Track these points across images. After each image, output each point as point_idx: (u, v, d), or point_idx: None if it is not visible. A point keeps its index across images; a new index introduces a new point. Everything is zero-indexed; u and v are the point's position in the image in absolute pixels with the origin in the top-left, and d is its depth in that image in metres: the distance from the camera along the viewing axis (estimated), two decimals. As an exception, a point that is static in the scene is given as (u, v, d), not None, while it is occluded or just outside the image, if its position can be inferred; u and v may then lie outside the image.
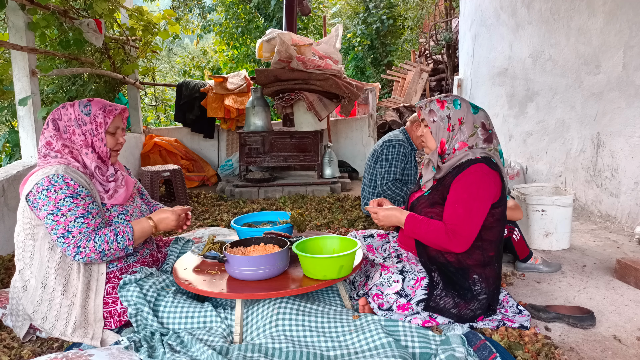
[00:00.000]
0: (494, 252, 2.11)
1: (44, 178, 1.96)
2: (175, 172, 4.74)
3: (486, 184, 2.03)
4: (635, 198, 3.58)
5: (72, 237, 1.95)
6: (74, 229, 1.95)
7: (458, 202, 2.03)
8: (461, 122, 2.14)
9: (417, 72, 8.64)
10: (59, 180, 1.96)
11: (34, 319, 2.03)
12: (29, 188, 1.98)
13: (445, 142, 2.16)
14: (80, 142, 2.10)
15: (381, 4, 12.68)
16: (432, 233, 2.05)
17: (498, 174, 2.07)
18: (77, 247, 1.95)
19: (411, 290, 2.05)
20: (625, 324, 2.22)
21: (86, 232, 1.97)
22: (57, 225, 1.94)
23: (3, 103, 4.68)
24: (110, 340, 2.01)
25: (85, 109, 2.11)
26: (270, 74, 5.20)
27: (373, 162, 3.48)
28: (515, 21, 5.13)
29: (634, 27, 3.55)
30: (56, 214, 1.94)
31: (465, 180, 2.04)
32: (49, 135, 2.09)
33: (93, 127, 2.11)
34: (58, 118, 2.11)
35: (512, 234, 2.78)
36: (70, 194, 1.96)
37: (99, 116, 2.11)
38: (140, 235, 2.11)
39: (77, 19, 4.26)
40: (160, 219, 2.17)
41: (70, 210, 1.95)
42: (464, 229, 2.01)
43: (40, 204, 1.95)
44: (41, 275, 2.02)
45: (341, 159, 6.28)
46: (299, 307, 2.01)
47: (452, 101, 2.17)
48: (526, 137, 5.04)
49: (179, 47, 16.46)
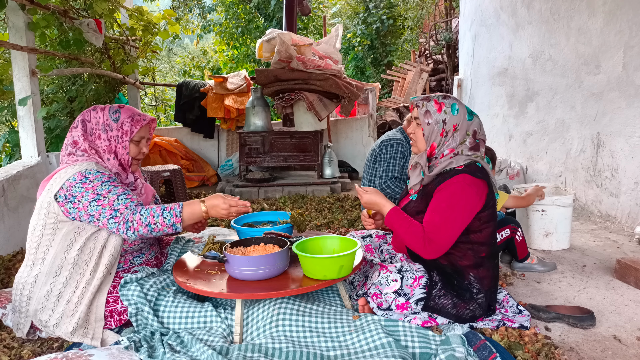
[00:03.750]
0: (485, 253, 2.11)
1: (75, 174, 1.99)
2: (175, 172, 4.74)
3: (467, 195, 2.02)
4: (635, 198, 3.58)
5: (119, 214, 1.98)
6: (120, 206, 1.99)
7: (436, 210, 2.04)
8: (455, 129, 2.11)
9: (417, 72, 8.64)
10: (92, 172, 2.01)
11: (37, 315, 2.02)
12: (59, 185, 1.99)
13: (435, 147, 2.14)
14: (104, 147, 2.13)
15: (381, 4, 12.68)
16: (410, 234, 2.06)
17: (482, 180, 2.05)
18: (125, 222, 1.98)
19: (409, 289, 2.05)
20: (625, 324, 2.22)
21: (132, 206, 2.00)
22: (103, 208, 1.97)
23: (3, 103, 4.68)
24: (110, 340, 2.01)
25: (114, 115, 2.14)
26: (270, 74, 5.20)
27: (372, 162, 3.48)
28: (515, 21, 5.13)
29: (634, 27, 3.55)
30: (99, 199, 1.97)
31: (446, 190, 2.04)
32: (76, 135, 2.11)
33: (119, 134, 2.13)
34: (87, 119, 2.14)
35: (515, 235, 2.78)
36: (106, 179, 2.02)
37: (126, 124, 2.13)
38: (189, 217, 2.07)
39: (77, 19, 4.26)
40: (213, 204, 2.11)
41: (111, 192, 1.99)
42: (439, 237, 2.02)
43: (78, 196, 1.97)
44: (53, 270, 2.00)
45: (341, 159, 6.28)
46: (299, 307, 2.01)
47: (450, 105, 2.12)
48: (526, 137, 5.04)
49: (179, 47, 16.45)
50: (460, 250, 2.09)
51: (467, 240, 2.08)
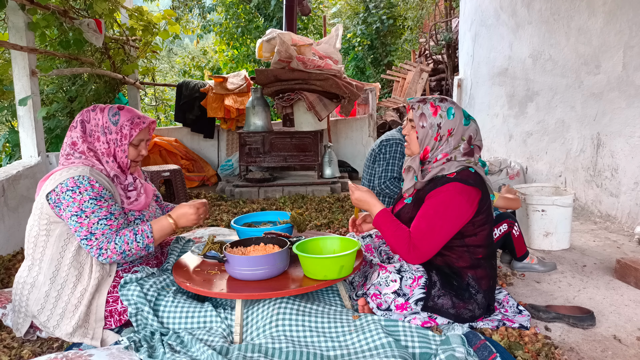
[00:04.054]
0: (482, 255, 2.11)
1: (69, 179, 1.97)
2: (175, 172, 4.74)
3: (456, 203, 2.00)
4: (635, 198, 3.58)
5: (94, 239, 1.97)
6: (97, 231, 1.97)
7: (424, 217, 2.03)
8: (450, 134, 2.08)
9: (417, 72, 8.63)
10: (84, 182, 1.97)
11: (37, 316, 2.02)
12: (52, 186, 1.98)
13: (429, 151, 2.12)
14: (103, 150, 2.10)
15: (381, 4, 12.67)
16: (396, 238, 2.06)
17: (473, 187, 2.02)
18: (99, 248, 1.97)
19: (409, 289, 2.05)
20: (625, 324, 2.22)
21: (108, 234, 1.98)
22: (81, 227, 1.96)
23: (3, 103, 4.68)
24: (110, 340, 2.01)
25: (113, 117, 2.11)
26: (270, 74, 5.20)
27: (371, 162, 3.47)
28: (515, 21, 5.13)
29: (634, 27, 3.55)
30: (80, 216, 1.95)
31: (435, 198, 2.02)
32: (75, 136, 2.09)
33: (118, 137, 2.10)
34: (87, 120, 2.11)
35: (512, 229, 2.76)
36: (94, 196, 1.97)
37: (125, 127, 2.11)
38: (160, 234, 2.10)
39: (77, 19, 4.26)
40: (180, 214, 2.14)
41: (94, 212, 1.96)
42: (423, 244, 2.01)
43: (64, 204, 1.96)
44: (50, 272, 2.01)
45: (341, 159, 6.28)
46: (299, 307, 2.01)
47: (446, 109, 2.08)
48: (526, 137, 5.04)
49: (179, 47, 16.45)
50: (456, 252, 2.09)
51: (462, 244, 2.08)
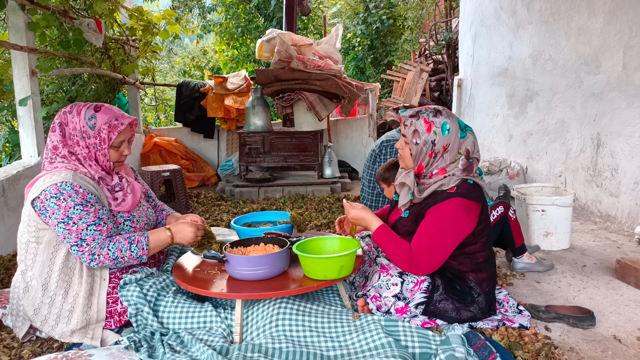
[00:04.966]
0: (482, 259, 2.11)
1: (51, 185, 1.93)
2: (175, 172, 4.73)
3: (457, 219, 1.97)
4: (635, 198, 3.58)
5: (85, 245, 1.94)
6: (87, 237, 1.94)
7: (425, 234, 2.00)
8: (445, 150, 2.02)
9: (417, 72, 8.63)
10: (67, 188, 1.93)
11: (34, 320, 2.03)
12: (36, 193, 1.95)
13: (424, 167, 2.07)
14: (84, 154, 2.05)
15: (381, 4, 12.67)
16: (397, 256, 2.04)
17: (474, 201, 2.00)
18: (91, 254, 1.94)
19: (410, 293, 2.05)
20: (625, 324, 2.22)
21: (99, 240, 1.96)
22: (70, 234, 1.93)
23: (3, 103, 4.68)
24: (110, 340, 2.01)
25: (90, 121, 2.03)
26: (270, 74, 5.20)
27: (371, 163, 3.47)
28: (515, 21, 5.13)
29: (634, 27, 3.55)
30: (67, 223, 1.92)
31: (436, 214, 1.99)
32: (55, 140, 2.04)
33: (97, 141, 2.04)
34: (65, 123, 2.05)
35: (508, 211, 2.68)
36: (80, 201, 1.94)
37: (103, 131, 2.04)
38: (155, 246, 2.08)
39: (77, 19, 4.26)
40: (178, 230, 2.12)
41: (82, 219, 1.93)
42: (425, 261, 2.00)
43: (49, 211, 1.93)
44: (42, 278, 2.01)
45: (341, 159, 6.28)
46: (299, 307, 2.01)
47: (440, 125, 2.00)
48: (526, 137, 5.04)
49: (179, 47, 16.44)
50: (457, 259, 2.09)
51: (462, 253, 2.08)
